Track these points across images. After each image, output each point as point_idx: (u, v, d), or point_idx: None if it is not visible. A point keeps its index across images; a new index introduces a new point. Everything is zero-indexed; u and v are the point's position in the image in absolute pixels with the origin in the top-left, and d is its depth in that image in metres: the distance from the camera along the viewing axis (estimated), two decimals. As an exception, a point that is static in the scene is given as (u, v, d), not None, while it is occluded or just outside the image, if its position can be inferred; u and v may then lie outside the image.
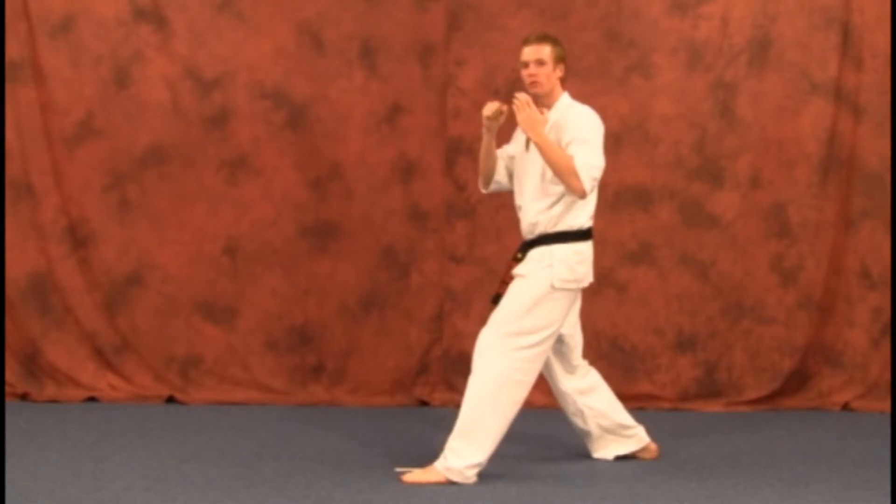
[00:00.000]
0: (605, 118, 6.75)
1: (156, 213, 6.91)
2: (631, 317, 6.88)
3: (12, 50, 6.83)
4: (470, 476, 4.93)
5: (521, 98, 4.98)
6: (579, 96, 6.72)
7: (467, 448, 4.92)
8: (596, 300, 6.56)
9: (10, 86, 6.83)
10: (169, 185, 6.91)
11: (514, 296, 5.01)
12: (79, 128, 6.89)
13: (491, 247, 6.81)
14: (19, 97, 6.84)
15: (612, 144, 6.83)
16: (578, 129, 5.00)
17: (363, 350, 6.95)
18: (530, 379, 4.99)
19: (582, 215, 5.05)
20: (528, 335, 4.95)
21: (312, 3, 6.88)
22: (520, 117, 4.97)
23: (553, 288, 4.97)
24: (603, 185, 6.78)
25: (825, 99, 6.80)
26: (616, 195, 6.86)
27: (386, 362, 6.94)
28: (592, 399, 5.33)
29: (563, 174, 4.92)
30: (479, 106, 5.21)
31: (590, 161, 4.92)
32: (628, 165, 6.86)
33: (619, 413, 5.38)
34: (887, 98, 6.78)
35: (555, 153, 4.93)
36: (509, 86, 5.14)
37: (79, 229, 6.91)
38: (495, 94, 5.23)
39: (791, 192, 6.84)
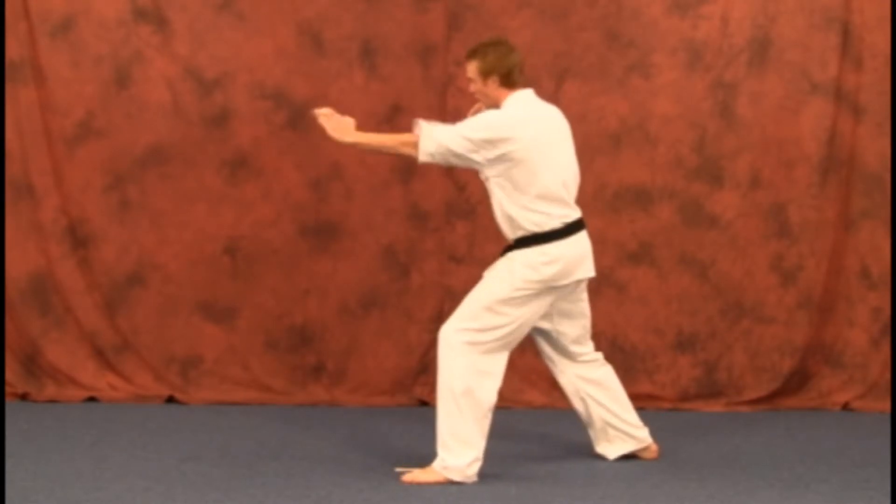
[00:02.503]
0: (605, 118, 6.83)
1: (156, 213, 6.91)
2: (631, 317, 6.88)
3: (12, 50, 6.82)
4: (470, 474, 4.93)
5: (321, 112, 5.10)
6: (579, 96, 6.78)
7: (459, 445, 4.92)
8: (596, 300, 6.52)
9: (10, 86, 6.83)
10: (169, 185, 6.91)
11: (474, 293, 5.05)
12: (79, 128, 6.89)
13: (491, 247, 6.79)
14: (19, 97, 6.84)
15: (612, 144, 6.85)
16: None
17: (363, 350, 6.95)
18: (497, 369, 5.00)
19: (541, 218, 5.01)
20: (487, 331, 4.97)
21: (312, 4, 6.88)
22: (328, 129, 5.09)
23: (514, 288, 4.98)
24: (602, 185, 6.84)
25: (825, 99, 6.80)
26: (616, 195, 6.86)
27: (386, 362, 6.94)
28: (598, 390, 5.33)
29: (397, 149, 5.05)
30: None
31: (442, 134, 4.95)
32: (628, 165, 6.86)
33: (623, 410, 5.37)
34: (887, 98, 6.78)
35: (378, 141, 5.10)
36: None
37: (79, 229, 6.92)
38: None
39: (791, 192, 6.84)
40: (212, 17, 6.87)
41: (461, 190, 6.89)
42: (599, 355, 5.39)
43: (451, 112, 6.82)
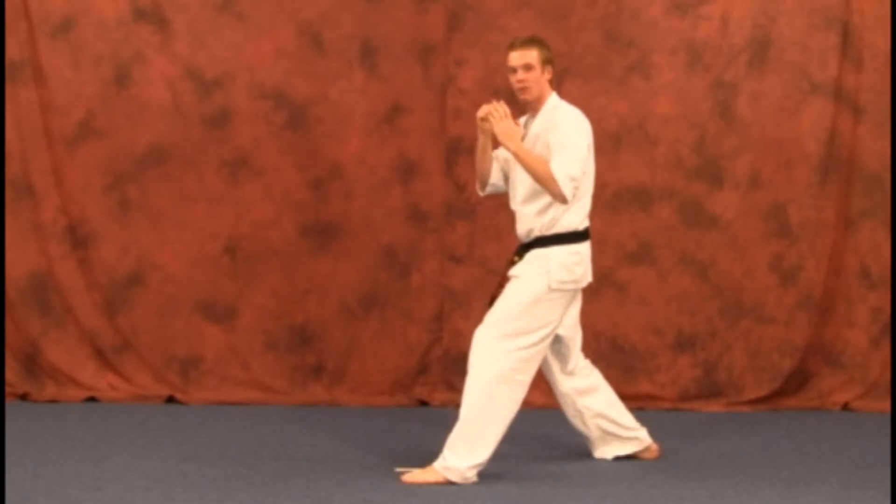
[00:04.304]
0: (605, 118, 6.83)
1: (156, 213, 6.91)
2: (631, 317, 6.88)
3: (12, 50, 6.83)
4: (470, 477, 4.93)
5: (499, 109, 4.99)
6: (579, 96, 6.76)
7: (468, 449, 4.92)
8: (596, 300, 6.55)
9: (10, 86, 6.84)
10: (169, 185, 6.91)
11: (510, 296, 5.02)
12: (79, 128, 6.90)
13: (491, 247, 6.81)
14: (19, 97, 6.85)
15: (612, 144, 6.85)
16: (562, 132, 4.98)
17: (363, 350, 6.95)
18: (527, 378, 5.00)
19: (577, 217, 5.04)
20: (524, 335, 4.96)
21: (312, 4, 6.88)
22: (497, 129, 4.98)
23: (550, 289, 4.98)
24: (602, 185, 6.82)
25: (825, 99, 6.80)
26: (616, 195, 6.86)
27: (386, 362, 6.94)
28: (592, 400, 5.33)
29: (543, 182, 4.94)
30: (479, 106, 5.19)
31: (569, 166, 4.90)
32: (628, 165, 6.87)
33: (619, 414, 5.37)
34: (887, 98, 6.78)
35: (533, 162, 4.94)
36: (509, 86, 5.15)
37: (79, 229, 6.92)
38: (495, 95, 5.23)
39: (791, 192, 6.85)
40: (212, 17, 6.87)
41: (461, 190, 6.89)
42: (588, 361, 5.39)
43: (450, 112, 6.83)
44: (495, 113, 5.00)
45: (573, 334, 5.24)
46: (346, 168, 6.92)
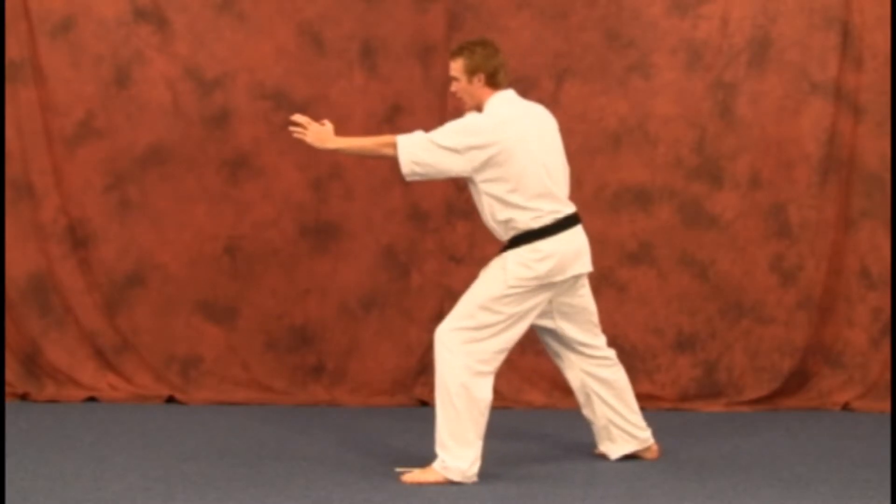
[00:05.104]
0: (605, 118, 6.84)
1: (156, 213, 6.91)
2: (631, 317, 6.88)
3: (12, 50, 6.83)
4: (471, 475, 4.93)
5: (299, 120, 5.10)
6: (579, 96, 6.78)
7: (457, 446, 4.92)
8: (596, 300, 6.52)
9: (10, 86, 6.84)
10: (169, 185, 6.91)
11: (469, 293, 5.06)
12: (79, 128, 6.90)
13: (491, 247, 6.77)
14: (19, 97, 6.84)
15: (612, 144, 6.86)
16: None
17: (363, 350, 6.95)
18: (492, 368, 5.00)
19: (528, 217, 5.01)
20: (483, 329, 4.97)
21: (312, 4, 6.88)
22: (309, 140, 5.06)
23: (507, 286, 4.99)
24: (602, 185, 6.84)
25: (825, 99, 6.80)
26: (616, 195, 6.86)
27: (386, 362, 6.94)
28: (604, 389, 5.31)
29: (378, 151, 5.05)
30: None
31: (421, 143, 4.96)
32: (628, 165, 6.87)
33: (628, 410, 5.35)
34: (887, 98, 6.78)
35: (358, 144, 5.11)
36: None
37: (79, 229, 6.92)
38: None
39: (791, 192, 6.85)
40: (212, 17, 6.87)
41: (461, 190, 6.88)
42: (611, 353, 5.37)
43: (451, 112, 6.80)
44: (295, 133, 5.09)
45: (567, 325, 5.23)
46: (346, 168, 6.92)
